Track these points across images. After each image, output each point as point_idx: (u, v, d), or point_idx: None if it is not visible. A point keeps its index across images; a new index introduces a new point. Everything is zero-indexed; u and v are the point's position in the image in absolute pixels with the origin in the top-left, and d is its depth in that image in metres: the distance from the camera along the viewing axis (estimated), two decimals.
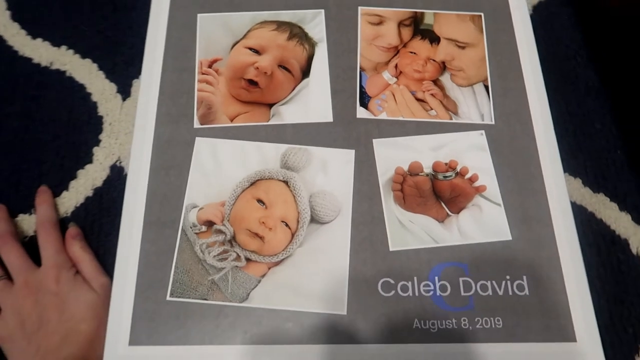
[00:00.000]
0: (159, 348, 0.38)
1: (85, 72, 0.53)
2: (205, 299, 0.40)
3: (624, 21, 0.55)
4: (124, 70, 0.54)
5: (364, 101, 0.46)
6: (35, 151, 0.50)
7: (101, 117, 0.52)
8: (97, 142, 0.51)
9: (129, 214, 0.42)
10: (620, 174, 0.51)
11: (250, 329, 0.39)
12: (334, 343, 0.38)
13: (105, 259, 0.45)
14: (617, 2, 0.53)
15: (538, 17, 0.56)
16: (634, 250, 0.47)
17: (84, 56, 0.54)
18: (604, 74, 0.54)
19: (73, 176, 0.49)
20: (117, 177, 0.49)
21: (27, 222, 0.47)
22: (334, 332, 0.39)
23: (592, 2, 0.56)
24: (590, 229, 0.47)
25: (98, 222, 0.48)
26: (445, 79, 0.48)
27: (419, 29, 0.49)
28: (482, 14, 0.50)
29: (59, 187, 0.49)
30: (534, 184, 0.43)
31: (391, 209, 0.43)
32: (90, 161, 0.49)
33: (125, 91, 0.53)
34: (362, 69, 0.48)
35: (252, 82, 0.46)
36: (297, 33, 0.48)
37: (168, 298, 0.40)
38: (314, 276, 0.40)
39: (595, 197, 0.49)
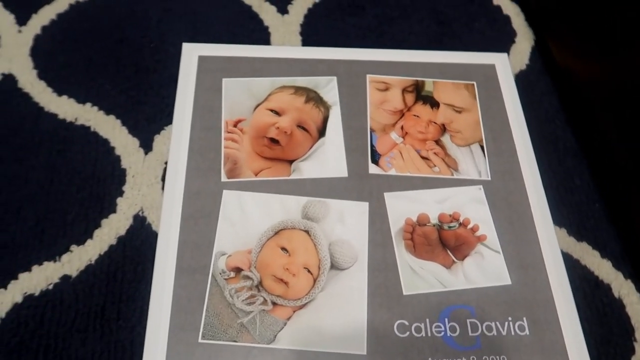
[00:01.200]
0: None
1: (109, 127, 0.55)
2: (235, 341, 0.42)
3: (592, 91, 0.63)
4: (145, 127, 0.56)
5: (375, 158, 0.52)
6: (60, 202, 0.51)
7: (124, 170, 0.53)
8: (120, 193, 0.52)
9: (161, 260, 0.45)
10: (600, 224, 0.56)
11: None
12: None
13: (128, 306, 0.47)
14: (585, 77, 0.60)
15: (520, 83, 0.63)
16: (615, 294, 0.51)
17: (107, 113, 0.56)
18: (580, 135, 0.60)
19: (97, 225, 0.50)
20: (140, 226, 0.51)
21: (52, 269, 0.49)
22: None
23: (565, 74, 0.64)
24: (577, 274, 0.52)
25: (121, 270, 0.49)
26: (446, 139, 0.53)
27: (420, 95, 0.56)
28: (474, 83, 0.57)
29: (83, 236, 0.50)
30: (528, 234, 0.49)
31: (403, 256, 0.47)
32: (114, 211, 0.51)
33: (147, 145, 0.55)
34: (372, 130, 0.53)
35: (274, 141, 0.51)
36: (313, 97, 0.54)
37: (200, 340, 0.42)
38: (335, 318, 0.44)
39: (579, 245, 0.54)
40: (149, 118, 0.57)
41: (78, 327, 0.45)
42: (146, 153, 0.55)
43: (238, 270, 0.45)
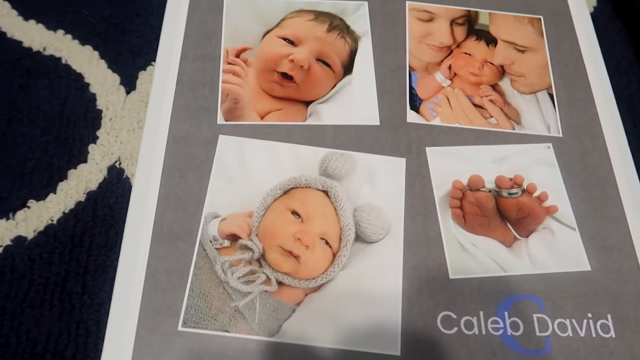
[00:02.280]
0: None
1: (84, 59, 0.47)
2: (227, 331, 0.32)
3: None
4: (129, 61, 0.47)
5: (415, 104, 0.41)
6: (19, 146, 0.43)
7: (100, 112, 0.45)
8: (93, 139, 0.44)
9: (134, 222, 0.35)
10: None
11: None
12: None
13: (96, 278, 0.38)
14: None
15: None
16: None
17: (83, 42, 0.48)
18: None
19: (63, 177, 0.42)
20: (115, 180, 0.42)
21: (3, 228, 0.39)
22: None
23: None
24: None
25: (90, 233, 0.40)
26: (505, 84, 0.42)
27: (473, 28, 0.44)
28: (541, 17, 0.45)
29: (44, 189, 0.41)
30: (611, 208, 0.38)
31: (450, 229, 0.36)
32: (84, 160, 0.43)
33: (129, 83, 0.46)
34: (411, 69, 0.42)
35: (286, 76, 0.40)
36: (337, 25, 0.43)
37: (180, 328, 0.32)
38: (360, 306, 0.33)
39: None
40: (133, 51, 0.48)
41: (31, 302, 0.37)
42: (128, 92, 0.46)
43: (234, 238, 0.35)
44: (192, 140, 0.38)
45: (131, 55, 0.48)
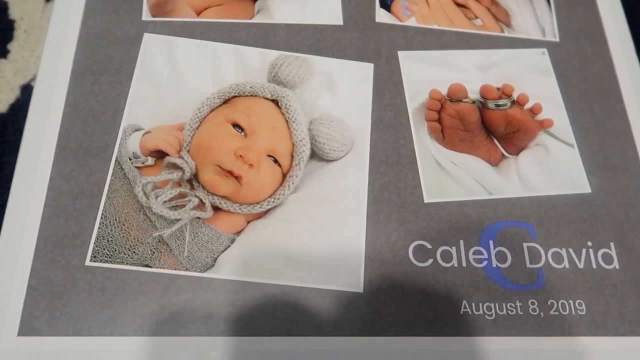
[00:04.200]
0: (68, 340, 0.24)
1: None
2: (147, 266, 0.26)
3: None
4: None
5: (386, 1, 0.34)
6: None
7: (13, 22, 0.38)
8: (4, 54, 0.36)
9: (34, 134, 0.28)
10: None
11: (218, 312, 0.25)
12: (344, 335, 0.25)
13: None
14: None
15: None
16: None
17: None
18: None
19: None
20: (29, 102, 0.35)
21: None
22: (344, 319, 0.26)
23: None
24: None
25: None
26: None
27: None
28: None
29: None
30: (615, 121, 0.32)
31: (425, 145, 0.30)
32: None
33: None
34: None
35: None
36: None
37: (88, 263, 0.26)
38: (315, 235, 0.27)
39: None
40: None
41: None
42: (48, 0, 0.38)
43: (160, 155, 0.28)
44: (110, 38, 0.30)
45: None
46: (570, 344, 0.26)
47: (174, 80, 0.30)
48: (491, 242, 0.28)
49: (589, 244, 0.29)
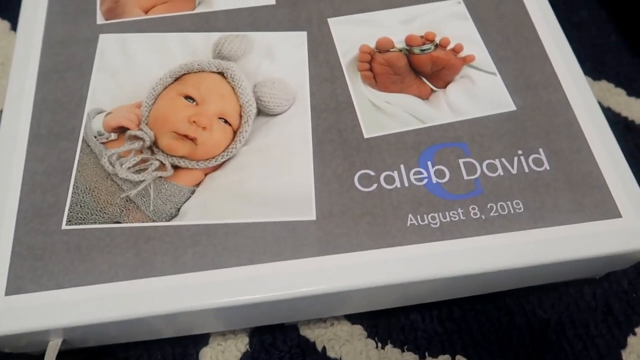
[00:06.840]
0: (51, 294, 0.26)
1: None
2: (118, 222, 0.29)
3: None
4: None
5: None
6: None
7: None
8: None
9: (10, 126, 0.31)
10: (620, 58, 0.44)
11: (184, 253, 0.28)
12: (303, 257, 0.28)
13: None
14: None
15: None
16: None
17: None
18: None
19: None
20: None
21: None
22: (301, 244, 0.28)
23: None
24: None
25: None
26: None
27: None
28: None
29: None
30: (531, 48, 0.35)
31: (360, 91, 0.33)
32: None
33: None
34: None
35: None
36: None
37: (64, 227, 0.28)
38: (267, 177, 0.30)
39: (597, 85, 0.43)
40: None
41: None
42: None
43: (122, 130, 0.31)
44: (70, 41, 0.34)
45: None
46: (512, 238, 0.28)
47: (129, 68, 0.34)
48: (429, 162, 0.31)
49: (520, 152, 0.31)
